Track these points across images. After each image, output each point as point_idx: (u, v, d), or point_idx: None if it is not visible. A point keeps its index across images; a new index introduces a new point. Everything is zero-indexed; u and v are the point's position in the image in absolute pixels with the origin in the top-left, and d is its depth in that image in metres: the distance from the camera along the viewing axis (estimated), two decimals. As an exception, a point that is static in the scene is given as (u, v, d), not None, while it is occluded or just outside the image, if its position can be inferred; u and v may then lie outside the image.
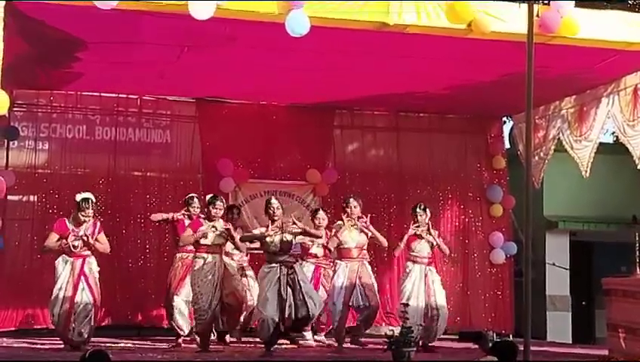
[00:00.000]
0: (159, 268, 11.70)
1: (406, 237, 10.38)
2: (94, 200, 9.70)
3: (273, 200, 9.55)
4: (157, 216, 10.72)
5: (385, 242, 10.67)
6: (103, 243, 9.65)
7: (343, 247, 10.23)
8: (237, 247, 9.93)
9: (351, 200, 10.42)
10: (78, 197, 9.53)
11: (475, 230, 13.16)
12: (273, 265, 9.17)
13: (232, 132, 12.39)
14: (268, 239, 9.22)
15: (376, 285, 10.44)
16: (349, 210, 10.30)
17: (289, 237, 9.28)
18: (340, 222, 10.35)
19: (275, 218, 9.34)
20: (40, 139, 11.97)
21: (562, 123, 11.47)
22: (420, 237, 10.35)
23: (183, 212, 10.47)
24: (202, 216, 9.96)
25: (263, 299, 9.13)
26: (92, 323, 9.49)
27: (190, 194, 10.73)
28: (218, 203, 9.68)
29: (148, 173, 12.31)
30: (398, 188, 13.04)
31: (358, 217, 10.36)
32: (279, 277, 9.06)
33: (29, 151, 11.88)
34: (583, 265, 14.97)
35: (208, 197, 9.91)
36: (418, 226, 10.37)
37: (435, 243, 10.40)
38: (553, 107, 11.72)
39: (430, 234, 10.37)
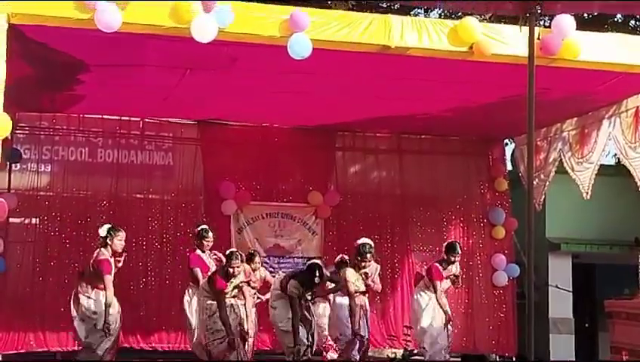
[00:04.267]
0: (161, 291, 11.69)
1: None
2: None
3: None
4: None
5: (380, 289, 10.86)
6: None
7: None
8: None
9: (368, 246, 10.36)
10: (105, 230, 9.50)
11: (478, 252, 13.13)
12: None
13: (234, 154, 12.40)
14: None
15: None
16: (367, 257, 10.30)
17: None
18: (349, 272, 10.33)
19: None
20: (42, 161, 11.96)
21: (563, 145, 11.48)
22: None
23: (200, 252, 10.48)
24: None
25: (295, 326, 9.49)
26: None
27: (203, 227, 10.64)
28: (234, 261, 9.50)
29: (150, 196, 12.28)
30: (400, 210, 13.02)
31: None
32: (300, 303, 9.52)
33: (31, 174, 11.85)
34: (585, 287, 14.92)
35: (227, 253, 9.80)
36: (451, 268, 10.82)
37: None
38: (555, 129, 11.74)
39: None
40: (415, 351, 10.59)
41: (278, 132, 12.70)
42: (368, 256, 10.26)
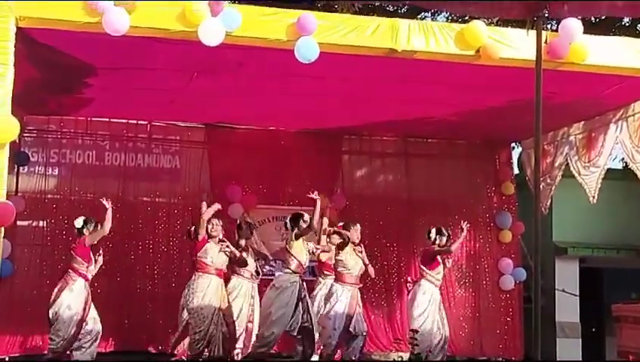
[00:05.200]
0: (168, 294, 11.68)
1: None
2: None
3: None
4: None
5: (373, 273, 10.69)
6: None
7: (346, 272, 10.19)
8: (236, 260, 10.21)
9: (352, 224, 10.43)
10: (80, 222, 9.87)
11: (485, 256, 13.14)
12: (295, 280, 9.52)
13: (240, 158, 12.43)
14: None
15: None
16: (353, 233, 10.29)
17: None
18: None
19: None
20: (50, 164, 12.01)
21: (570, 149, 11.48)
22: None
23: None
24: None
25: (279, 315, 9.44)
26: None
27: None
28: (214, 219, 9.99)
29: (157, 199, 12.33)
30: (407, 214, 13.02)
31: (357, 243, 10.38)
32: (298, 292, 9.51)
33: (38, 177, 11.91)
34: (592, 291, 14.89)
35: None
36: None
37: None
38: (561, 133, 11.74)
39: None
40: (422, 355, 10.54)
41: (284, 135, 12.72)
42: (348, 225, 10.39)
